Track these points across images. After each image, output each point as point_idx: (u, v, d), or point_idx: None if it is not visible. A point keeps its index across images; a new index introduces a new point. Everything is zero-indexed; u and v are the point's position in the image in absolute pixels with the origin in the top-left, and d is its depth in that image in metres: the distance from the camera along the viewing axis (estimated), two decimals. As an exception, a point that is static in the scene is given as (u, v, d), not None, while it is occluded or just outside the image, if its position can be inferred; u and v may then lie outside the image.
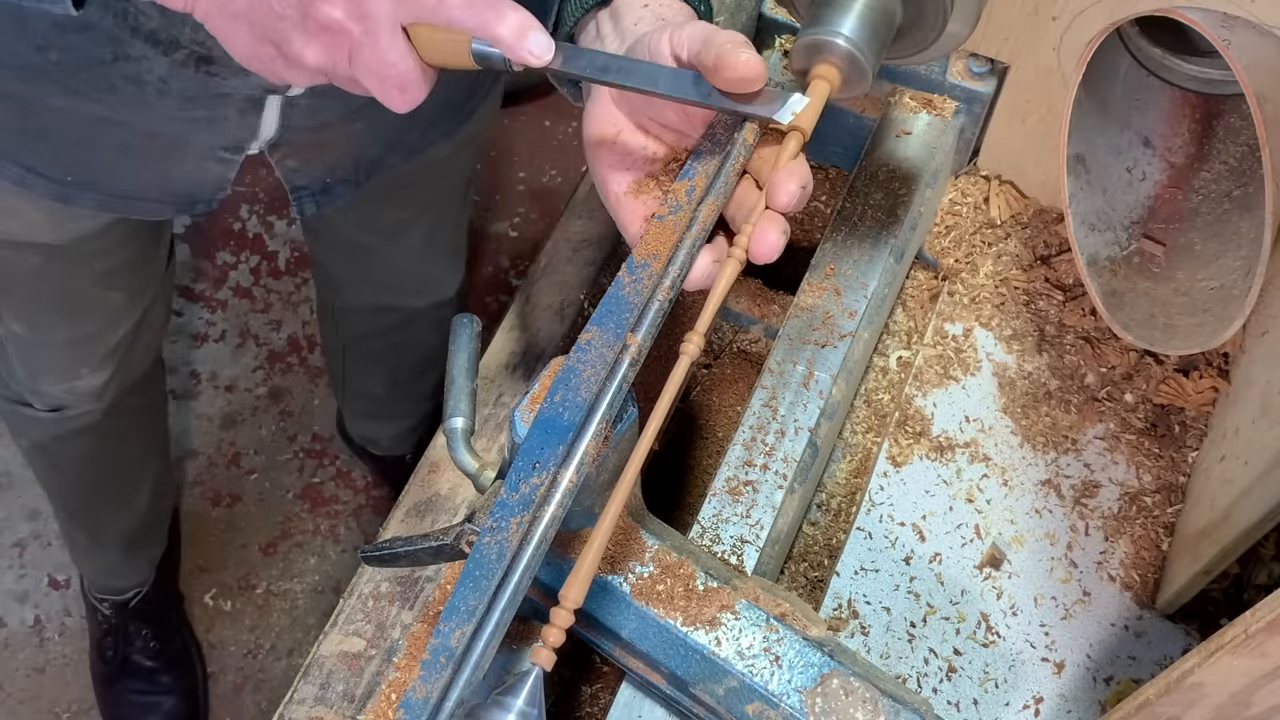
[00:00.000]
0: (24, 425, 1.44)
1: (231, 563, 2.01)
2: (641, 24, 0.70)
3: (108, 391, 1.36)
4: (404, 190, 1.28)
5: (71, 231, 1.09)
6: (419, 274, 1.53)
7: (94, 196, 1.00)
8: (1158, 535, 0.94)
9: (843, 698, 0.68)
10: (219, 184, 1.01)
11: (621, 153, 0.69)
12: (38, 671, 1.92)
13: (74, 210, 1.02)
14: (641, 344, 0.61)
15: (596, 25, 0.73)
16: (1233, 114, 0.93)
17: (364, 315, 1.65)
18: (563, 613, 0.56)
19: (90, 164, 0.97)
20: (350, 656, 0.89)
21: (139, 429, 1.57)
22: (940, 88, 1.03)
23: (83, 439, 1.43)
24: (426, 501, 0.95)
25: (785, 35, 1.12)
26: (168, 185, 1.01)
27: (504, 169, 2.39)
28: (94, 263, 1.16)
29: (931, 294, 1.07)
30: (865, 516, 0.94)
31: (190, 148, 0.96)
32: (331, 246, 1.51)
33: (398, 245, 1.42)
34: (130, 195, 1.01)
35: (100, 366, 1.32)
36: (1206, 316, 0.85)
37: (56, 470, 1.59)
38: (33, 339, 1.26)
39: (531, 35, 0.60)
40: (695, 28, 0.64)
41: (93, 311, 1.25)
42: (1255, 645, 0.56)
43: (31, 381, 1.32)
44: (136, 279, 1.25)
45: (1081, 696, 0.88)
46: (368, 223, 1.37)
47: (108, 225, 1.11)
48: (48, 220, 1.07)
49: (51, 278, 1.15)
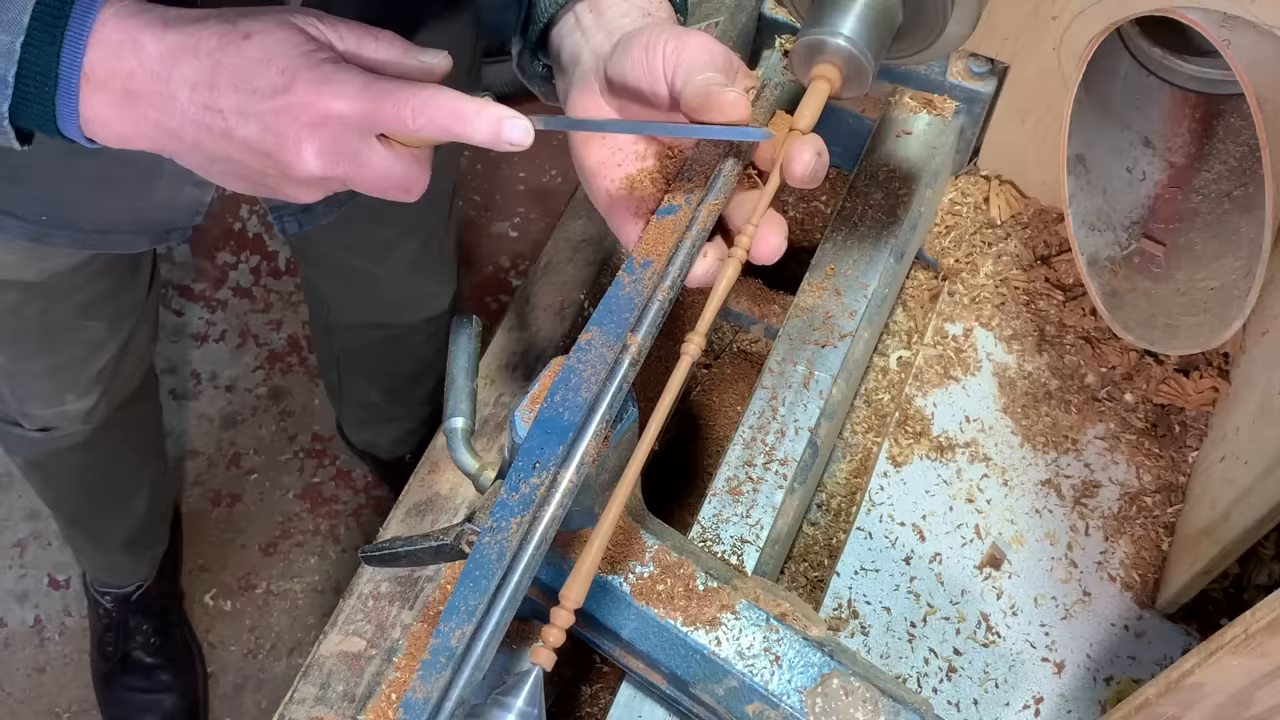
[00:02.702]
0: (16, 444, 1.44)
1: (231, 563, 2.01)
2: (628, 18, 0.69)
3: (96, 412, 1.35)
4: (388, 210, 1.26)
5: (47, 269, 1.08)
6: (410, 293, 1.52)
7: (70, 234, 0.98)
8: (1158, 535, 0.94)
9: (843, 698, 0.68)
10: (195, 208, 0.98)
11: (611, 148, 0.68)
12: (38, 671, 1.92)
13: (49, 249, 1.01)
14: (641, 344, 0.61)
15: (576, 15, 0.72)
16: (1233, 114, 0.93)
17: (357, 331, 1.64)
18: (563, 613, 0.56)
19: (65, 201, 0.95)
20: (350, 656, 0.89)
21: (133, 438, 1.57)
22: (940, 88, 1.03)
23: (76, 453, 1.43)
24: (426, 501, 0.95)
25: (785, 35, 1.11)
26: (144, 215, 0.99)
27: (504, 169, 2.39)
28: (71, 296, 1.14)
29: (932, 294, 1.07)
30: (865, 516, 0.94)
31: (165, 173, 0.93)
32: (321, 268, 1.51)
33: (386, 266, 1.41)
34: (107, 229, 0.99)
35: (86, 391, 1.31)
36: (1207, 316, 0.85)
37: (52, 483, 1.59)
38: (15, 368, 1.26)
39: (506, 129, 0.60)
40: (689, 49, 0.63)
41: (73, 341, 1.24)
42: (1255, 645, 0.56)
43: (19, 405, 1.32)
44: (116, 308, 1.24)
45: (1081, 696, 0.88)
46: (354, 245, 1.36)
47: (84, 260, 1.09)
48: (22, 259, 1.06)
49: (29, 313, 1.14)
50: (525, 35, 0.75)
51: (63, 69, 0.59)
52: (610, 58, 0.67)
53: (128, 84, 0.60)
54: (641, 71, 0.65)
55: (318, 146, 0.60)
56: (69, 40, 0.59)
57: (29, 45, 0.58)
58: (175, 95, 0.60)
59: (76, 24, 0.59)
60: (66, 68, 0.59)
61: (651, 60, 0.64)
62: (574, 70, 0.71)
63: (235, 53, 0.60)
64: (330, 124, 0.60)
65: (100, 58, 0.59)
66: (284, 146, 0.60)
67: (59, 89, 0.60)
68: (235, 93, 0.60)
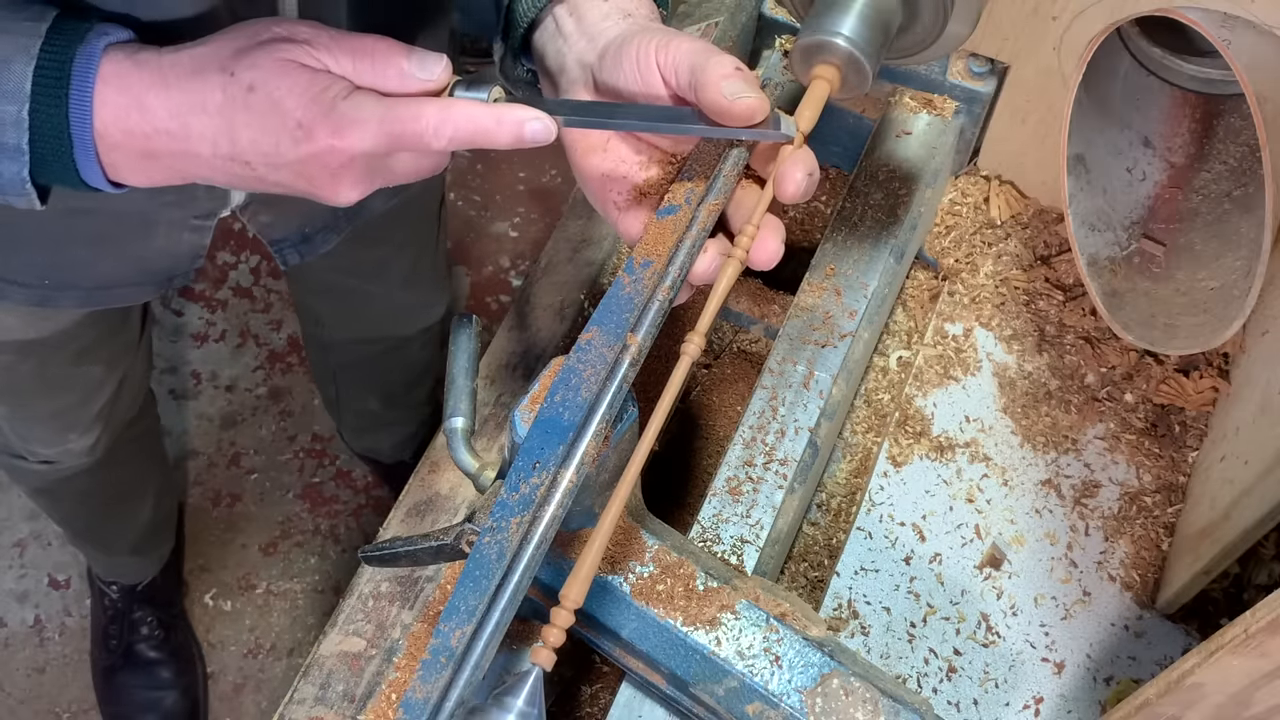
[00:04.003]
0: (21, 475, 1.45)
1: (231, 563, 2.01)
2: (609, 21, 0.68)
3: (99, 445, 1.36)
4: (381, 229, 1.27)
5: (47, 328, 1.08)
6: (404, 307, 1.52)
7: (75, 294, 0.98)
8: (1158, 535, 0.94)
9: (843, 698, 0.68)
10: (195, 253, 0.98)
11: (615, 159, 0.68)
12: (38, 671, 1.92)
13: (52, 310, 1.02)
14: (641, 344, 0.61)
15: (555, 21, 0.71)
16: (1233, 114, 0.93)
17: (352, 346, 1.64)
18: (563, 613, 0.56)
19: (66, 262, 0.95)
20: (350, 656, 0.89)
21: (136, 455, 1.57)
22: (940, 88, 1.03)
23: (81, 479, 1.44)
24: (426, 501, 0.95)
25: (785, 35, 1.11)
26: (145, 265, 0.98)
27: (504, 169, 2.39)
28: (67, 346, 1.15)
29: (931, 294, 1.07)
30: (865, 516, 0.94)
31: (162, 223, 0.93)
32: (313, 290, 1.50)
33: (380, 283, 1.41)
34: (110, 284, 0.99)
35: (88, 430, 1.32)
36: (1207, 316, 0.85)
37: (59, 506, 1.60)
38: (16, 415, 1.27)
39: (528, 131, 0.61)
40: (682, 50, 0.63)
41: (71, 387, 1.24)
42: (1255, 645, 0.56)
43: (23, 444, 1.33)
44: (111, 351, 1.25)
45: (1081, 696, 0.88)
46: (348, 267, 1.35)
47: (83, 315, 1.09)
48: (22, 321, 1.06)
49: (26, 369, 1.15)
50: (507, 40, 0.74)
51: (74, 129, 0.60)
52: (599, 68, 0.67)
53: (145, 145, 0.61)
54: (635, 81, 0.65)
55: (351, 181, 0.63)
56: (74, 103, 0.60)
57: (36, 111, 0.59)
58: (197, 153, 0.62)
59: (78, 85, 0.60)
60: (78, 127, 0.60)
61: (645, 69, 0.64)
62: (560, 79, 0.71)
63: (244, 108, 0.60)
64: (357, 162, 0.61)
65: (111, 120, 0.60)
66: (319, 187, 0.63)
67: (75, 146, 0.61)
68: (257, 148, 0.61)
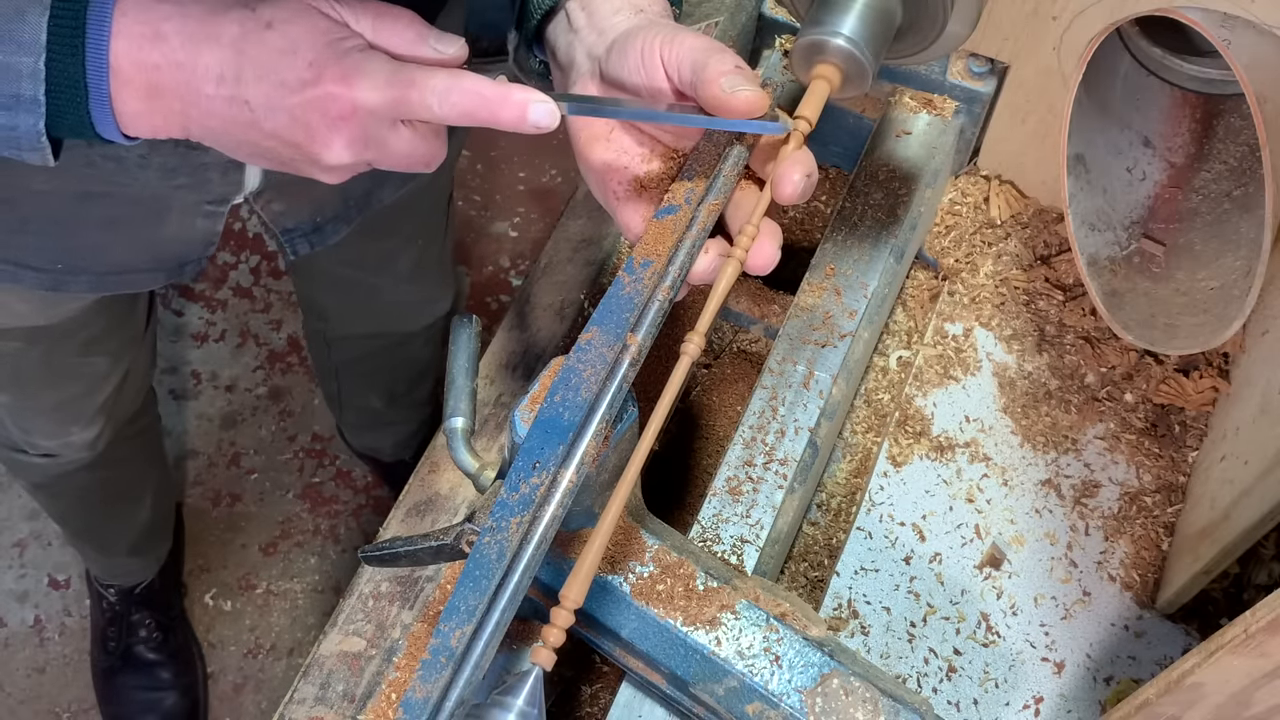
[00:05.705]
0: (21, 469, 1.45)
1: (231, 563, 2.01)
2: (620, 16, 0.69)
3: (100, 440, 1.36)
4: (390, 221, 1.27)
5: (58, 314, 1.08)
6: (410, 301, 1.52)
7: (87, 279, 0.98)
8: (1158, 535, 0.94)
9: (843, 698, 0.68)
10: (208, 239, 0.98)
11: (617, 150, 0.68)
12: (38, 671, 1.92)
13: (64, 295, 1.01)
14: (641, 344, 0.61)
15: (568, 16, 0.71)
16: (1233, 114, 0.93)
17: (357, 342, 1.64)
18: (563, 613, 0.56)
19: (78, 247, 0.95)
20: (350, 656, 0.89)
21: (135, 453, 1.57)
22: (940, 88, 1.03)
23: (81, 475, 1.44)
24: (426, 501, 0.95)
25: (785, 35, 1.11)
26: (157, 250, 0.98)
27: (504, 169, 2.39)
28: (76, 334, 1.15)
29: (931, 294, 1.07)
30: (865, 516, 0.94)
31: (175, 208, 0.93)
32: (318, 284, 1.50)
33: (386, 276, 1.41)
34: (122, 270, 0.99)
35: (91, 423, 1.32)
36: (1207, 316, 0.85)
37: (58, 502, 1.60)
38: (18, 406, 1.26)
39: (532, 112, 0.60)
40: (685, 47, 0.63)
41: (76, 378, 1.24)
42: (1255, 645, 0.56)
43: (24, 436, 1.33)
44: (117, 341, 1.25)
45: (1081, 696, 0.88)
46: (355, 260, 1.35)
47: (93, 301, 1.09)
48: (34, 307, 1.06)
49: (33, 356, 1.15)
50: (521, 30, 0.75)
51: (90, 77, 0.60)
52: (606, 61, 0.67)
53: (153, 77, 0.60)
54: (639, 76, 0.65)
55: (347, 138, 0.61)
56: (91, 48, 0.59)
57: (52, 61, 0.59)
58: (200, 88, 0.61)
59: (95, 29, 0.59)
60: (94, 75, 0.60)
61: (649, 63, 0.65)
62: (570, 72, 0.71)
63: (258, 42, 0.60)
64: (358, 115, 0.60)
65: (124, 50, 0.60)
66: (313, 139, 0.61)
67: (90, 96, 0.60)
68: (261, 84, 0.60)
